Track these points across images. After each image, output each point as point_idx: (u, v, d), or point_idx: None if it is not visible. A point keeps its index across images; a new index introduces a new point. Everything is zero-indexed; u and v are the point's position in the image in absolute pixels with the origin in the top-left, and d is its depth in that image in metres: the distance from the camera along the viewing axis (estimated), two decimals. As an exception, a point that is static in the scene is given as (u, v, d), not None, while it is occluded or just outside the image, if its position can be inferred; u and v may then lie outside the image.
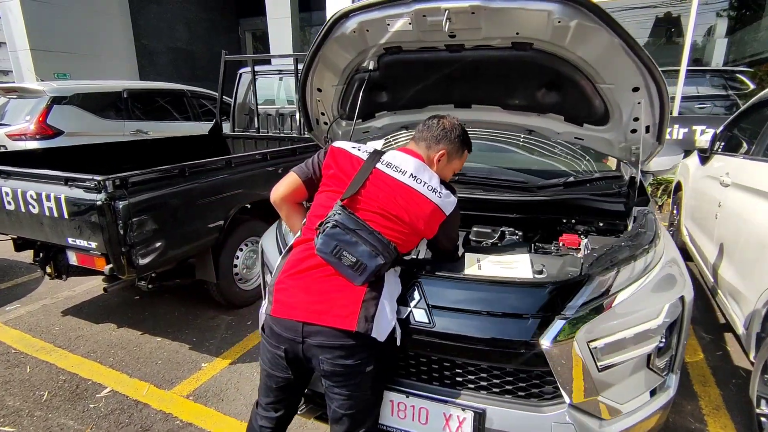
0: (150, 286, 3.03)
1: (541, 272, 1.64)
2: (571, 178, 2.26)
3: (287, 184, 1.65)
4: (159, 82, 7.77)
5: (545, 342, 1.45)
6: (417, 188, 1.55)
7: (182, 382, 2.72)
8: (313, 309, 1.41)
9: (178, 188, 2.84)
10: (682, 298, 1.66)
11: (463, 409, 1.55)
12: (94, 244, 2.59)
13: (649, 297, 1.63)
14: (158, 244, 2.74)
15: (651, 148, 1.99)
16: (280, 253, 2.04)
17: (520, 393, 1.57)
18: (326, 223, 1.40)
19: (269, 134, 5.28)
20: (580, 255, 1.83)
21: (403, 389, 1.63)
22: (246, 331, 3.29)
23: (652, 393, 1.66)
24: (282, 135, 5.19)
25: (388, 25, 1.83)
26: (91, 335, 3.27)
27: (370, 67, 2.08)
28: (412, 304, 1.58)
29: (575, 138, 2.16)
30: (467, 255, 1.78)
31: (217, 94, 7.62)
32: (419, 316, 1.56)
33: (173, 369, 2.86)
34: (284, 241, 2.09)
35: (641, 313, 1.59)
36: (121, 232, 2.51)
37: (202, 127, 6.75)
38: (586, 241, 2.00)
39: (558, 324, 1.48)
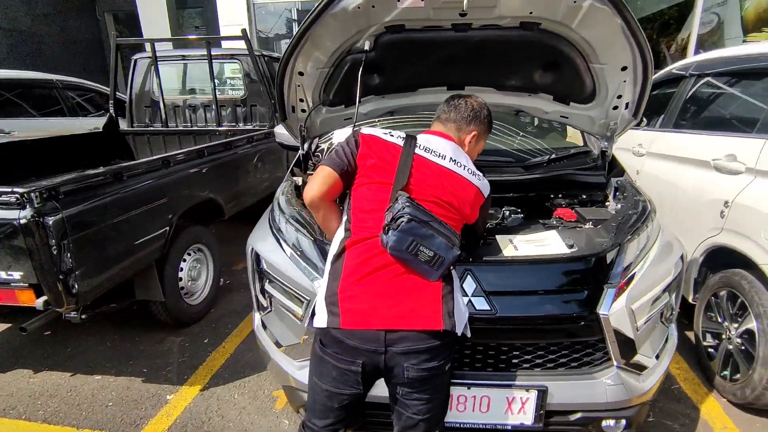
0: (83, 316, 2.50)
1: (572, 246, 1.70)
2: (553, 155, 2.39)
3: (323, 181, 1.45)
4: (16, 70, 6.37)
5: (603, 311, 1.52)
6: (459, 172, 1.49)
7: (150, 422, 2.32)
8: (393, 314, 1.28)
9: (115, 195, 2.37)
10: (682, 256, 1.87)
11: (527, 390, 1.56)
12: (17, 275, 2.04)
13: (662, 257, 1.79)
14: (100, 264, 2.27)
15: (626, 123, 2.17)
16: (289, 256, 1.83)
17: (573, 364, 1.62)
18: (399, 218, 1.27)
19: (181, 129, 4.69)
20: (588, 226, 1.94)
21: (464, 381, 1.58)
22: (206, 351, 2.92)
23: (665, 343, 1.84)
24: (199, 129, 4.65)
25: (398, 1, 1.71)
26: (0, 388, 2.62)
27: (366, 47, 1.93)
28: (470, 292, 1.53)
29: (561, 116, 2.27)
30: (498, 237, 1.77)
31: (94, 84, 6.58)
32: (480, 304, 1.52)
33: (132, 409, 2.42)
34: (286, 241, 1.87)
35: (659, 273, 1.74)
36: (56, 254, 2.02)
37: (82, 124, 5.77)
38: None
39: (610, 293, 1.56)
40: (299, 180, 2.34)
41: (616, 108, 2.11)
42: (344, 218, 1.49)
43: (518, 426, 1.61)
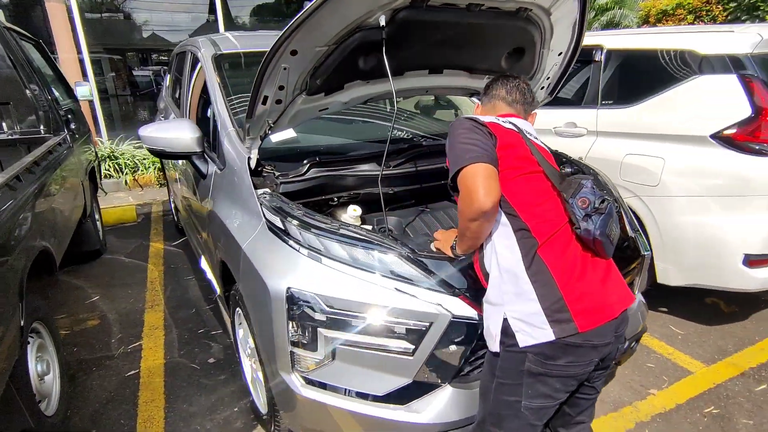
0: None
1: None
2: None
3: (494, 180, 1.22)
4: None
5: (646, 251, 1.85)
6: (550, 152, 1.55)
7: None
8: (614, 299, 1.26)
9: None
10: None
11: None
12: None
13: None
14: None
15: (542, 101, 2.57)
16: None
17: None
18: (602, 202, 1.23)
19: None
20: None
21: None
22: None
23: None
24: None
25: None
26: None
27: (382, 23, 1.64)
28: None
29: (503, 97, 2.48)
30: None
31: None
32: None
33: None
34: (357, 265, 1.47)
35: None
36: None
37: None
38: None
39: (640, 237, 1.90)
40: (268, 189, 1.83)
41: (542, 88, 2.47)
42: (501, 218, 1.30)
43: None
